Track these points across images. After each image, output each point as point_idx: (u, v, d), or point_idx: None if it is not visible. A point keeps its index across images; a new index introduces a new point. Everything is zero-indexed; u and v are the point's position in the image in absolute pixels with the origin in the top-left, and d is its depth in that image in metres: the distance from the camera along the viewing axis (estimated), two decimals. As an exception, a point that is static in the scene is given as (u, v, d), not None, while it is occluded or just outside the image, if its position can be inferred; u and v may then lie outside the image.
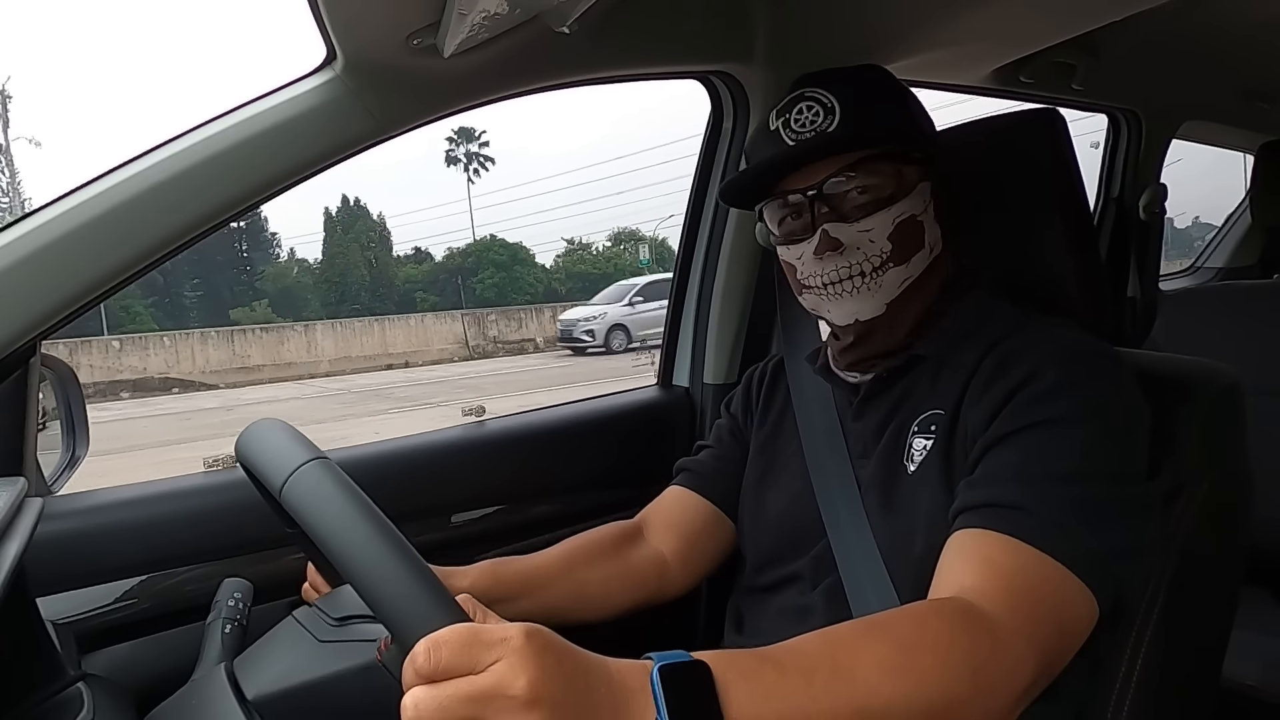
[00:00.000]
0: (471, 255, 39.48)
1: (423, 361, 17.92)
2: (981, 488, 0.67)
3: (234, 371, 16.02)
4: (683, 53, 1.14)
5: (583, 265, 40.54)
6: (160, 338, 16.65)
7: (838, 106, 0.78)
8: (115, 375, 14.84)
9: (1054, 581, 0.61)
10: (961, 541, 0.66)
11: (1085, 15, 1.22)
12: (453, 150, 44.23)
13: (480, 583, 0.83)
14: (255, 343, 16.81)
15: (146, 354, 15.62)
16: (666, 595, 0.95)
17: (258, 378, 15.98)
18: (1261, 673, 1.30)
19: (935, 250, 0.81)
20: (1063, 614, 0.62)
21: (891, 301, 0.79)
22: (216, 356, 16.10)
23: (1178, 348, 1.24)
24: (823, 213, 0.79)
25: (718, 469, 0.98)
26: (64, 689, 0.70)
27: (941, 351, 0.79)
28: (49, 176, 40.37)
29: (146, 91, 74.54)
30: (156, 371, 15.39)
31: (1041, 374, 0.69)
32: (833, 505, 0.82)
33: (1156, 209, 2.10)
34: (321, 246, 39.42)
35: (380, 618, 0.51)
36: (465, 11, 0.78)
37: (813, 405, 0.90)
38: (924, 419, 0.77)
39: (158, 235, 0.83)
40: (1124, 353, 0.86)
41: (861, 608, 0.76)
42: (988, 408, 0.71)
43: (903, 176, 0.78)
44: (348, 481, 0.57)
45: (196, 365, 15.85)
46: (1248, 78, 2.00)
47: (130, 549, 0.92)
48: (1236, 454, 0.79)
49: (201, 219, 0.85)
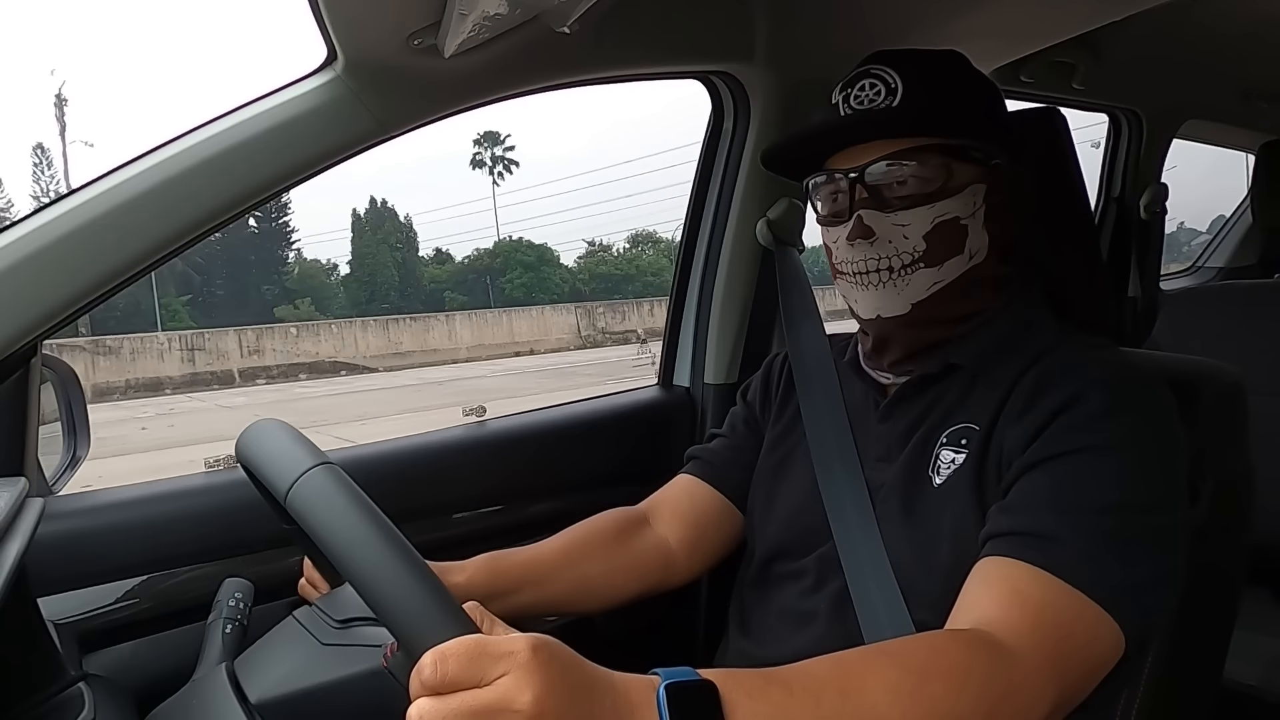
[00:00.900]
0: (499, 256, 40.33)
1: (544, 349, 19.13)
2: (1014, 515, 0.65)
3: (390, 356, 17.48)
4: (683, 53, 1.14)
5: (604, 266, 41.52)
6: (329, 324, 19.21)
7: (901, 87, 0.73)
8: (293, 359, 16.75)
9: (1083, 618, 0.60)
10: (989, 570, 0.64)
11: (1085, 15, 1.22)
12: (479, 154, 45.45)
13: (478, 577, 0.82)
14: (406, 330, 18.53)
15: (318, 339, 17.60)
16: (670, 585, 0.94)
17: (409, 362, 17.09)
18: (1261, 673, 1.30)
19: (976, 258, 0.76)
20: (1089, 649, 0.60)
21: (918, 303, 0.76)
22: (375, 343, 17.75)
23: (1178, 348, 1.24)
24: (862, 198, 0.75)
25: (730, 459, 0.96)
26: (65, 689, 0.70)
27: (978, 362, 0.76)
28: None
29: (146, 91, 74.51)
30: (326, 356, 17.25)
31: (1085, 398, 0.67)
32: (840, 509, 0.80)
33: (1157, 208, 2.10)
34: (350, 247, 40.50)
35: (388, 626, 0.51)
36: (466, 12, 0.78)
37: (820, 406, 0.88)
38: (955, 431, 0.75)
39: (158, 236, 0.83)
40: (1125, 352, 0.86)
41: (868, 614, 0.74)
42: (1028, 429, 0.68)
43: (952, 174, 0.74)
44: (353, 487, 0.57)
45: (359, 350, 17.58)
46: (1248, 77, 2.00)
47: (131, 549, 0.92)
48: (1238, 454, 0.79)
49: (202, 219, 0.85)
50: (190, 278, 35.72)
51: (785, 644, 0.81)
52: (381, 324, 18.72)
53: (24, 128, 27.63)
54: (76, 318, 0.83)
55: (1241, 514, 0.80)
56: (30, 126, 27.71)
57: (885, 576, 0.74)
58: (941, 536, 0.72)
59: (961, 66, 0.79)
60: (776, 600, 0.86)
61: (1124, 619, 0.61)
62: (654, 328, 18.25)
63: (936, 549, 0.72)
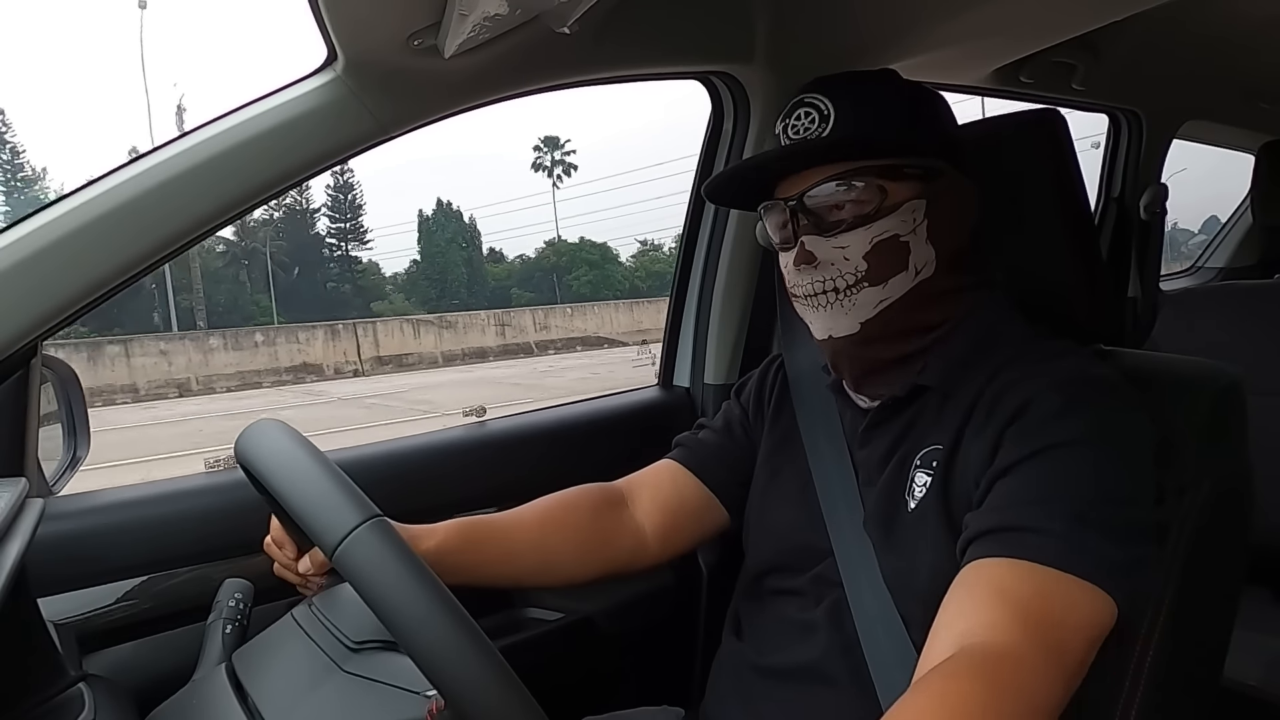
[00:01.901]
0: (565, 254, 44.06)
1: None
2: (985, 516, 0.66)
3: (636, 333, 21.02)
4: (683, 53, 1.14)
5: (659, 265, 44.14)
6: (591, 306, 24.17)
7: (832, 115, 0.75)
8: (569, 334, 21.53)
9: (1069, 595, 0.60)
10: (968, 575, 0.63)
11: (1085, 15, 1.22)
12: (540, 158, 48.47)
13: (449, 543, 0.82)
14: (646, 310, 23.06)
15: (585, 318, 22.54)
16: (638, 568, 0.93)
17: (648, 337, 19.97)
18: (1262, 673, 1.30)
19: (924, 272, 0.76)
20: (1082, 625, 0.60)
21: (866, 321, 0.77)
22: (624, 320, 22.44)
23: (1178, 348, 1.24)
24: (803, 224, 0.77)
25: (717, 455, 0.96)
26: (65, 689, 0.70)
27: (946, 382, 0.76)
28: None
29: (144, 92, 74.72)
30: (591, 332, 21.82)
31: (1038, 401, 0.67)
32: (840, 528, 0.80)
33: (1157, 209, 2.10)
34: (418, 247, 43.51)
35: (446, 698, 0.52)
36: (466, 12, 0.78)
37: (816, 421, 0.88)
38: (926, 453, 0.75)
39: (159, 236, 0.83)
40: (1124, 353, 0.86)
41: (868, 633, 0.74)
42: (988, 443, 0.69)
43: (887, 194, 0.75)
44: (405, 547, 0.55)
45: (615, 328, 21.96)
46: (1248, 78, 2.00)
47: (131, 549, 0.92)
48: (1237, 454, 0.79)
49: (203, 219, 0.85)
50: (277, 274, 38.34)
51: (785, 652, 0.81)
52: (627, 306, 24.29)
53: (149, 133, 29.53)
54: (77, 318, 0.83)
55: (1241, 514, 0.80)
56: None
57: (883, 596, 0.75)
58: (919, 561, 0.72)
59: (893, 87, 0.80)
60: (773, 611, 0.85)
61: (1111, 587, 0.60)
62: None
63: (915, 574, 0.72)
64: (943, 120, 0.80)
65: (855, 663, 0.75)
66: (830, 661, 0.77)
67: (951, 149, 0.79)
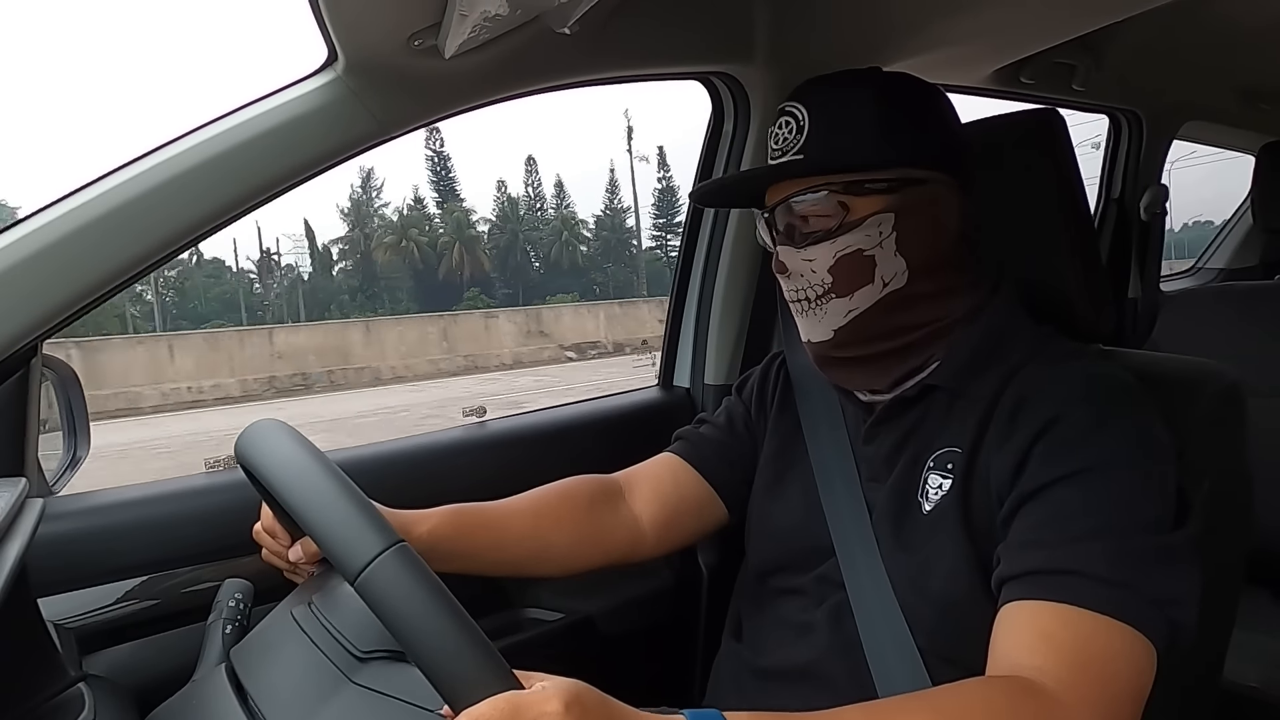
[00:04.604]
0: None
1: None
2: (1023, 554, 0.64)
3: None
4: (683, 54, 1.14)
5: None
6: None
7: (808, 125, 0.75)
8: None
9: (1115, 643, 0.59)
10: (1012, 615, 0.62)
11: (1086, 16, 1.22)
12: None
13: (441, 529, 0.81)
14: None
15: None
16: (633, 561, 0.92)
17: None
18: (1262, 673, 1.30)
19: (894, 283, 0.75)
20: (1131, 673, 0.59)
21: (839, 329, 0.77)
22: None
23: (1178, 348, 1.24)
24: (778, 234, 0.78)
25: (718, 450, 0.95)
26: (65, 690, 0.70)
27: (954, 381, 0.76)
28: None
29: (145, 91, 74.60)
30: None
31: (1066, 417, 0.66)
32: (843, 529, 0.80)
33: (1157, 210, 2.10)
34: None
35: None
36: (466, 13, 0.78)
37: (819, 418, 0.88)
38: (940, 455, 0.74)
39: (159, 236, 0.83)
40: (1125, 353, 0.86)
41: (869, 633, 0.74)
42: (1013, 457, 0.67)
43: (850, 210, 0.74)
44: (429, 575, 0.55)
45: None
46: (1248, 79, 2.00)
47: (131, 549, 0.92)
48: (1236, 454, 0.79)
49: (203, 220, 0.85)
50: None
51: (784, 653, 0.81)
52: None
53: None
54: (77, 318, 0.83)
55: (1240, 515, 0.80)
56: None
57: (886, 595, 0.74)
58: (933, 563, 0.72)
59: (875, 91, 0.77)
60: (773, 612, 0.85)
61: (1153, 633, 0.59)
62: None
63: (929, 576, 0.72)
64: (931, 122, 0.78)
65: (855, 663, 0.75)
66: (829, 662, 0.77)
67: (942, 151, 0.77)
